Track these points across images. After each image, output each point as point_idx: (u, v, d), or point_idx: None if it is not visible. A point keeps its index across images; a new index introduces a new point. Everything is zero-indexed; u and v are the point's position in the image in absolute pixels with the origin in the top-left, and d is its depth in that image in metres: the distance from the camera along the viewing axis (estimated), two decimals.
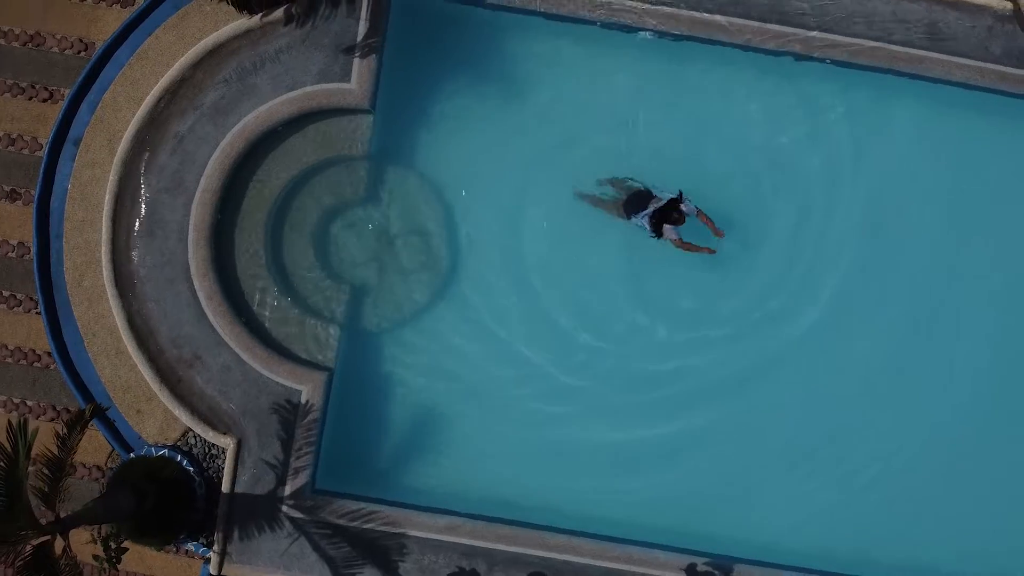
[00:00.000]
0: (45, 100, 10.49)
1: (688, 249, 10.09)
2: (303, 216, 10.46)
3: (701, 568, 10.16)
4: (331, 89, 10.00)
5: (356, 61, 9.99)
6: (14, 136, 10.50)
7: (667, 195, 9.99)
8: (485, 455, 10.59)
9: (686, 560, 10.13)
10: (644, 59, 10.54)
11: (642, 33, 10.26)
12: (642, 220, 10.06)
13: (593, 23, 10.33)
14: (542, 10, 10.23)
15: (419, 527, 10.07)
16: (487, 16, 10.37)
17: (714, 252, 10.11)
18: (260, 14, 9.88)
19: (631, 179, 10.42)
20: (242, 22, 9.91)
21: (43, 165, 10.20)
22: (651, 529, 10.40)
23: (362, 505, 10.07)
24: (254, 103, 9.97)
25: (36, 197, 10.21)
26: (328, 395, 10.12)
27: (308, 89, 9.99)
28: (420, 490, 10.45)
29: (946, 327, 10.69)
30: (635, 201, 10.21)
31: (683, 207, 9.90)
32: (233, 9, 9.71)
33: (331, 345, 10.29)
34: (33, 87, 10.51)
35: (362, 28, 10.01)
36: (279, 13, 9.92)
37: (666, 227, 9.95)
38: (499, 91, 10.56)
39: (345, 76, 10.01)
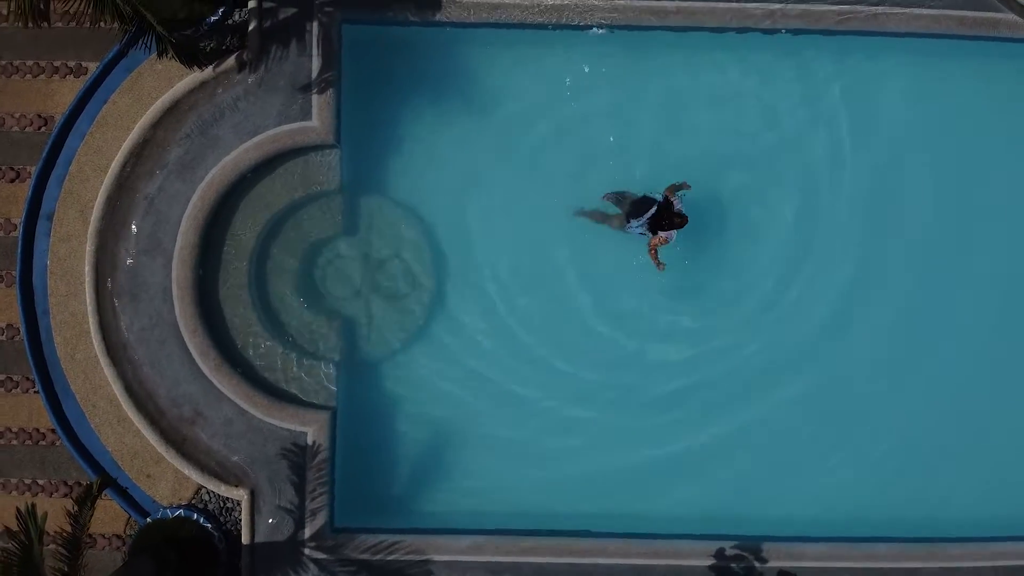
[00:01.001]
0: (12, 180, 10.46)
1: (653, 257, 9.99)
2: (285, 258, 10.45)
3: (729, 552, 10.14)
4: (294, 129, 9.98)
5: (315, 98, 9.98)
6: None
7: (659, 196, 9.97)
8: (499, 471, 10.59)
9: (713, 546, 10.12)
10: (605, 54, 10.52)
11: (593, 29, 10.22)
12: (640, 226, 9.99)
13: (545, 26, 10.29)
14: (492, 20, 10.19)
15: (443, 551, 10.06)
16: (439, 35, 10.36)
17: (662, 270, 10.03)
18: (212, 65, 9.85)
19: (624, 191, 10.39)
20: (195, 76, 9.89)
21: (19, 245, 10.18)
22: (676, 520, 10.41)
23: (383, 537, 10.05)
24: (219, 154, 9.95)
25: (17, 277, 10.20)
26: (334, 433, 10.11)
27: (271, 132, 9.97)
28: (439, 514, 10.45)
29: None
30: (636, 209, 10.15)
31: (676, 204, 9.82)
32: (181, 64, 9.65)
33: (330, 383, 10.28)
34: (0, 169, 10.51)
35: (315, 64, 9.98)
36: (231, 61, 9.90)
37: (671, 234, 9.88)
38: (463, 107, 10.54)
39: (306, 114, 9.99)
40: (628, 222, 10.09)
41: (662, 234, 9.86)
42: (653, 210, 9.85)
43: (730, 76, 10.60)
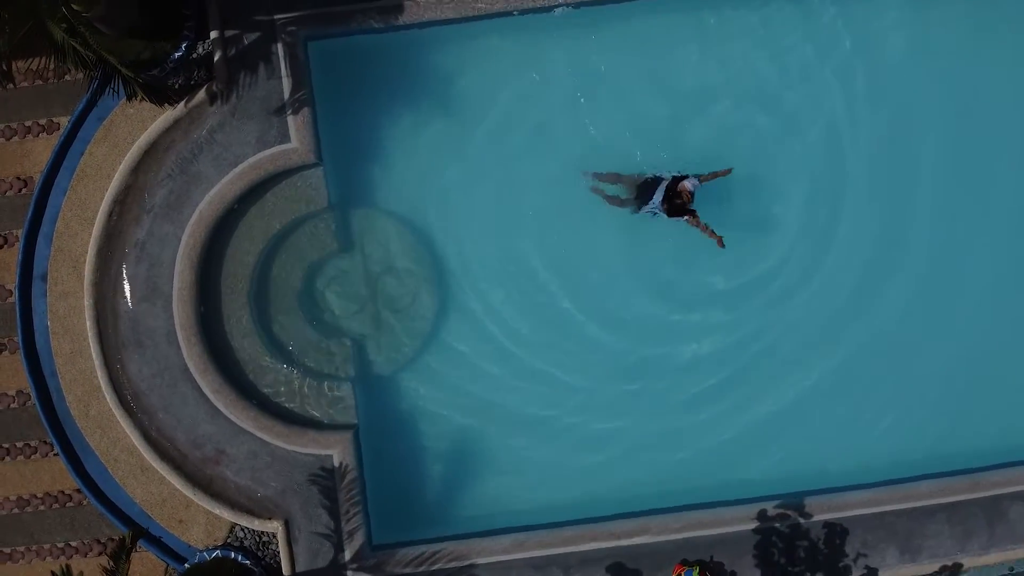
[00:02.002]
0: (1, 246, 10.37)
1: (704, 231, 9.83)
2: (285, 283, 10.35)
3: (772, 512, 10.04)
4: (274, 154, 9.88)
5: (290, 119, 9.88)
6: None
7: (668, 173, 9.87)
8: (530, 465, 10.50)
9: (755, 508, 10.04)
10: (577, 34, 10.39)
11: (558, 9, 10.11)
12: (653, 207, 9.90)
13: (510, 13, 10.17)
14: (457, 16, 10.08)
15: (485, 553, 9.97)
16: (406, 38, 10.24)
17: (723, 246, 9.79)
18: (183, 101, 9.75)
19: (623, 172, 10.31)
20: (168, 115, 9.80)
21: (18, 310, 10.09)
22: (715, 488, 10.33)
23: (423, 548, 9.97)
24: (203, 190, 9.86)
25: (20, 343, 10.11)
26: (359, 451, 10.02)
27: (252, 160, 9.88)
28: (476, 516, 10.36)
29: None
30: (644, 192, 10.07)
31: (687, 184, 9.70)
32: (154, 105, 9.56)
33: (348, 401, 10.18)
34: None
35: (286, 86, 9.88)
36: (201, 95, 9.80)
37: (683, 188, 9.71)
38: (440, 106, 10.43)
39: (284, 137, 9.90)
40: (642, 206, 10.03)
41: (690, 217, 9.76)
42: (662, 189, 9.75)
43: (710, 40, 10.48)
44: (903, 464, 10.37)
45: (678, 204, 9.70)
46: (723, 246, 9.67)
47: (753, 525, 10.01)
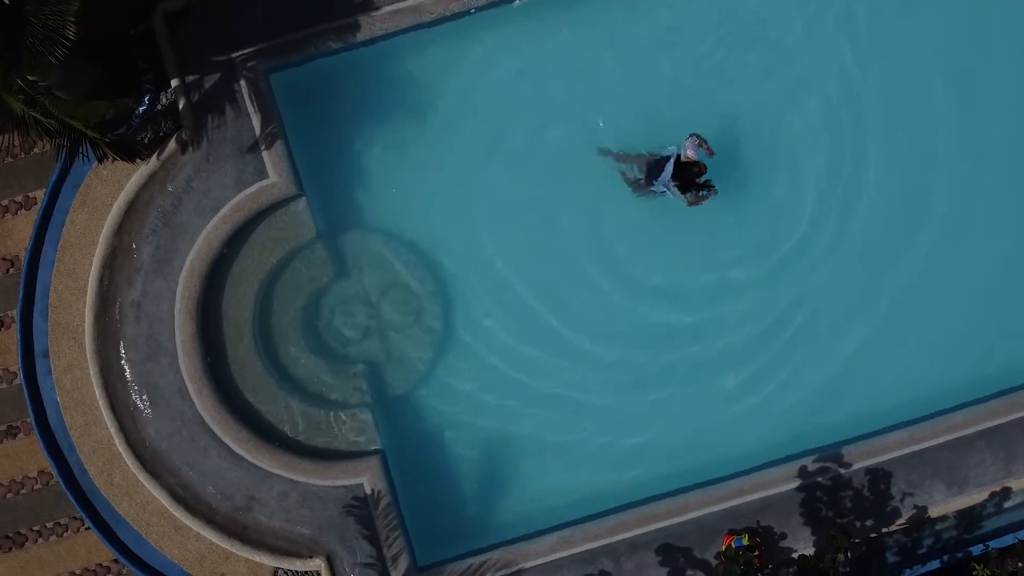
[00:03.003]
0: None
1: (697, 204, 9.87)
2: (287, 319, 10.22)
3: (812, 467, 9.92)
4: (254, 191, 9.77)
5: (265, 155, 9.77)
6: None
7: (672, 149, 9.80)
8: (562, 460, 10.37)
9: (795, 467, 9.93)
10: (546, 17, 10.26)
11: (516, 1, 10.00)
12: (664, 186, 9.82)
13: (467, 12, 10.05)
14: (414, 24, 9.96)
15: (532, 556, 9.86)
16: (367, 54, 10.14)
17: (716, 193, 9.88)
18: (155, 155, 9.64)
19: (629, 152, 10.24)
20: (142, 170, 9.69)
21: (25, 391, 9.99)
22: (751, 454, 10.19)
23: (469, 561, 9.86)
24: (190, 239, 9.75)
25: (33, 423, 10.00)
26: (389, 474, 9.91)
27: (233, 202, 9.77)
28: (517, 520, 10.23)
29: None
30: (653, 170, 9.99)
31: (690, 154, 9.63)
32: (127, 163, 9.46)
33: (369, 427, 10.06)
34: None
35: (256, 121, 9.78)
36: (172, 145, 9.69)
37: (696, 191, 9.78)
38: (413, 116, 10.32)
39: (262, 174, 9.79)
40: (650, 184, 9.94)
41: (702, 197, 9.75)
42: (670, 168, 9.67)
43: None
44: (935, 398, 10.24)
45: (691, 175, 9.65)
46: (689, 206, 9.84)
47: (795, 484, 9.89)
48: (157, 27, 9.69)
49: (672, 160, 9.70)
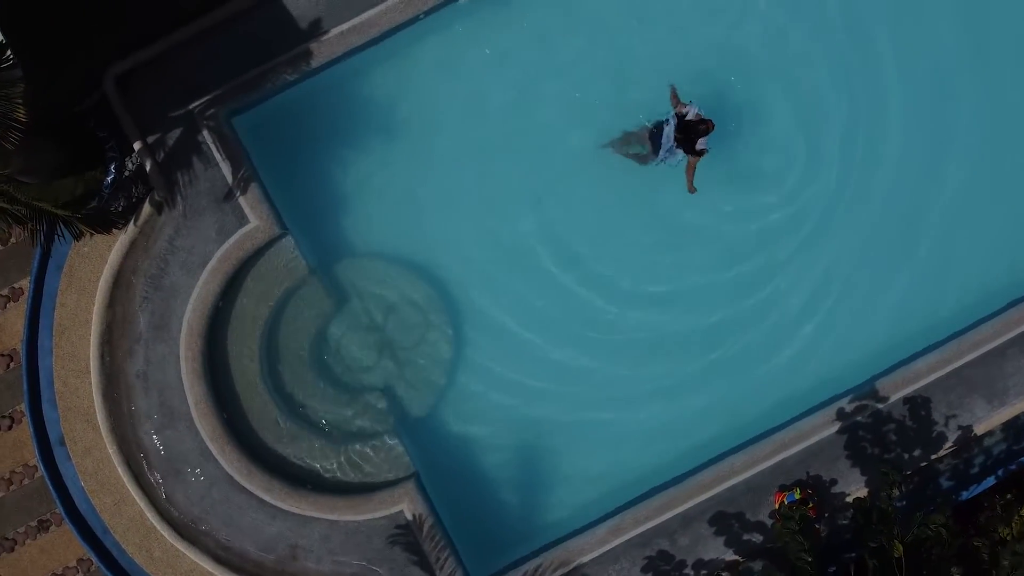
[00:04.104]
0: (10, 427, 10.15)
1: (689, 177, 9.81)
2: (296, 360, 10.04)
3: (849, 408, 9.75)
4: (238, 239, 9.61)
5: (242, 200, 9.61)
6: (6, 476, 10.15)
7: (669, 115, 9.67)
8: (600, 447, 10.22)
9: (831, 411, 9.77)
10: (494, 14, 10.10)
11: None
12: (668, 148, 9.67)
13: (417, 19, 9.88)
14: (366, 40, 9.78)
15: (586, 550, 9.70)
16: (326, 80, 9.96)
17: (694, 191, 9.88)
18: (132, 222, 9.48)
19: (627, 131, 10.10)
20: (122, 240, 9.54)
21: (49, 482, 9.83)
22: (788, 405, 10.02)
23: (524, 567, 9.71)
24: (183, 300, 9.59)
25: (63, 513, 9.85)
26: (427, 496, 9.74)
27: (219, 254, 9.61)
28: (564, 517, 10.07)
29: None
30: (656, 139, 9.84)
31: (689, 113, 9.51)
32: (105, 234, 9.30)
33: (399, 452, 9.89)
34: None
35: (226, 169, 9.61)
36: (147, 209, 9.53)
37: (700, 141, 9.57)
38: (383, 133, 10.14)
39: (242, 220, 9.63)
40: (656, 155, 9.78)
41: (703, 146, 9.57)
42: (670, 129, 9.54)
43: None
44: (958, 315, 10.09)
45: (696, 135, 9.52)
46: (692, 192, 9.80)
47: (835, 427, 9.72)
48: (109, 93, 9.51)
49: (672, 123, 9.55)
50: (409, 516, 9.60)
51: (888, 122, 10.29)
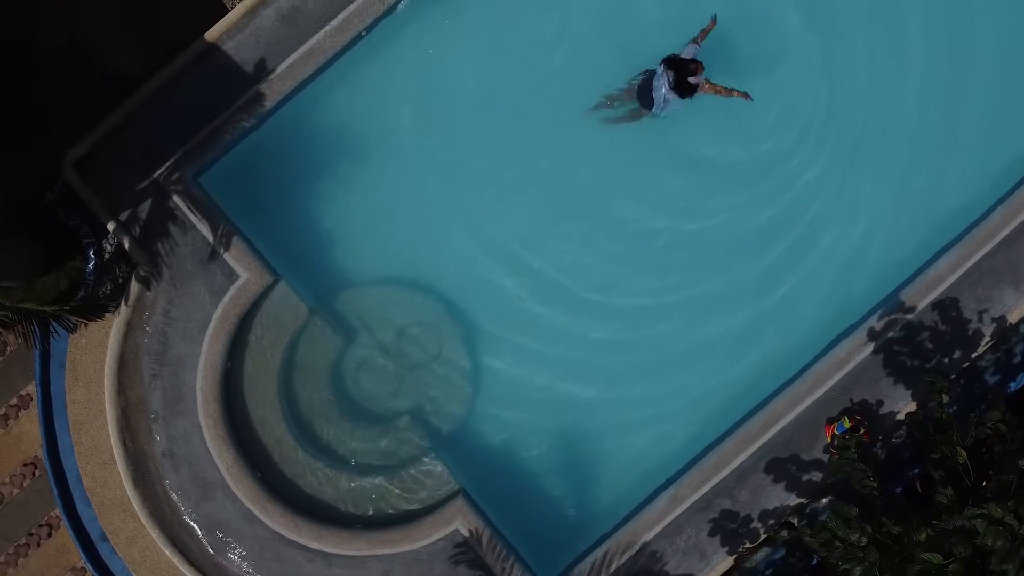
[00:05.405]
0: (49, 535, 9.99)
1: (725, 93, 9.53)
2: (317, 402, 9.86)
3: (878, 326, 9.57)
4: (233, 296, 9.45)
5: (227, 256, 9.45)
6: None
7: (657, 65, 9.47)
8: (639, 422, 10.01)
9: (861, 333, 9.57)
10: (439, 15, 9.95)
11: (400, 5, 9.63)
12: (666, 99, 9.45)
13: (360, 37, 9.72)
14: (315, 69, 9.62)
15: (649, 525, 9.51)
16: (284, 117, 9.77)
17: (750, 99, 9.59)
18: (122, 303, 9.32)
19: (612, 92, 9.90)
20: (117, 323, 9.39)
21: None
22: (820, 334, 9.85)
23: (591, 558, 9.52)
24: (191, 369, 9.43)
25: None
26: (479, 508, 9.55)
27: (217, 315, 9.45)
28: (619, 500, 9.85)
29: None
30: (645, 92, 9.63)
31: (683, 55, 9.34)
32: (99, 321, 9.15)
33: (440, 470, 9.69)
34: (31, 535, 10.01)
35: (204, 229, 9.45)
36: (135, 286, 9.38)
37: (692, 80, 9.32)
38: (355, 159, 9.94)
39: (232, 275, 9.47)
40: (653, 108, 9.59)
41: (700, 80, 9.33)
42: (664, 77, 9.31)
43: None
44: (968, 208, 9.90)
45: (688, 77, 9.28)
46: (750, 98, 9.52)
47: (870, 348, 9.52)
48: (71, 180, 9.36)
49: (661, 72, 9.35)
50: (465, 532, 9.42)
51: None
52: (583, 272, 10.08)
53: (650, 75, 9.59)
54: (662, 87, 9.36)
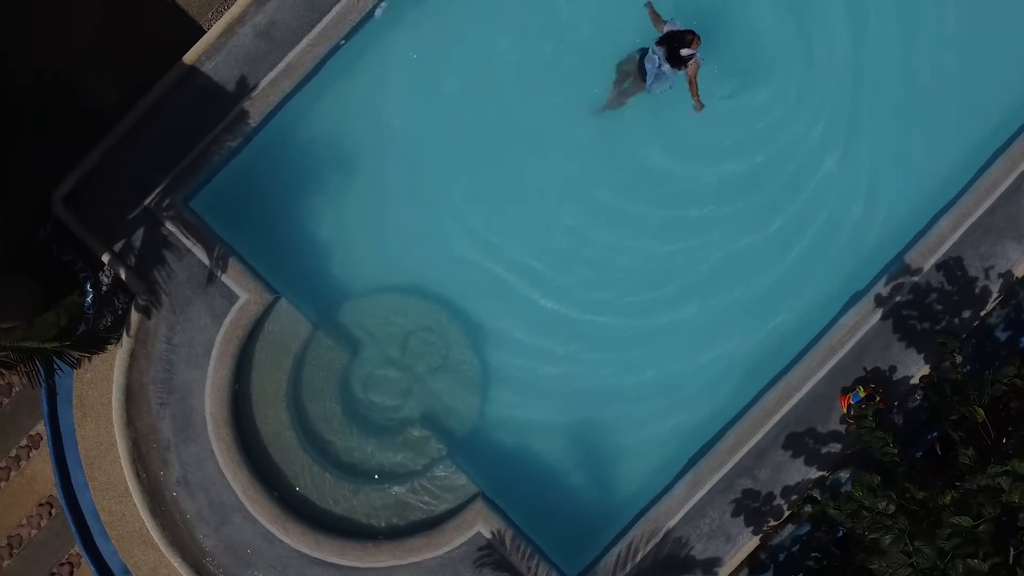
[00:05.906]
0: (71, 573, 9.93)
1: (694, 89, 9.47)
2: (328, 417, 9.77)
3: (885, 292, 9.50)
4: (234, 318, 9.39)
5: (225, 278, 9.39)
6: None
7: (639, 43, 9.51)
8: (652, 408, 9.95)
9: (868, 301, 9.50)
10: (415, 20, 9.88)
11: (376, 11, 9.56)
12: (659, 72, 9.40)
13: (339, 47, 9.66)
14: (296, 84, 9.56)
15: (671, 512, 9.44)
16: (270, 133, 9.69)
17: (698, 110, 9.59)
18: (123, 333, 9.26)
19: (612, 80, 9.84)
20: (120, 354, 9.33)
21: None
22: (829, 304, 9.80)
23: (617, 549, 9.45)
24: (198, 394, 9.36)
25: None
26: (499, 509, 9.50)
27: (220, 337, 9.39)
28: (639, 488, 9.78)
29: None
30: (642, 64, 9.56)
31: (670, 29, 9.29)
32: (102, 354, 9.09)
33: (457, 475, 9.62)
34: (52, 575, 9.94)
35: (200, 253, 9.39)
36: (135, 316, 9.32)
37: (684, 52, 9.23)
38: (346, 170, 9.88)
39: (232, 297, 9.41)
40: (646, 80, 9.51)
41: (692, 61, 9.26)
42: (658, 50, 9.27)
43: None
44: (962, 167, 9.83)
45: (681, 48, 9.22)
46: (699, 110, 9.52)
47: (878, 315, 9.45)
48: (62, 216, 9.31)
49: (652, 48, 9.33)
50: (488, 535, 9.35)
51: None
52: (586, 264, 10.04)
53: (643, 52, 9.53)
54: (656, 59, 9.32)
